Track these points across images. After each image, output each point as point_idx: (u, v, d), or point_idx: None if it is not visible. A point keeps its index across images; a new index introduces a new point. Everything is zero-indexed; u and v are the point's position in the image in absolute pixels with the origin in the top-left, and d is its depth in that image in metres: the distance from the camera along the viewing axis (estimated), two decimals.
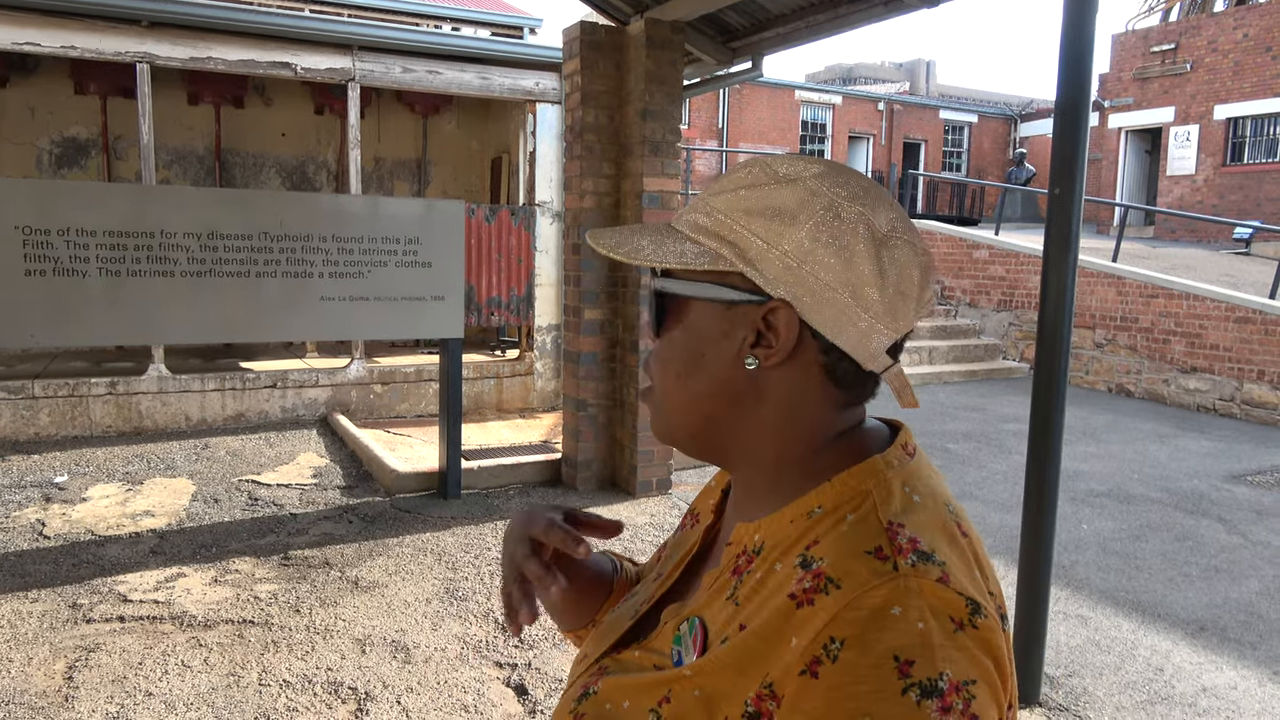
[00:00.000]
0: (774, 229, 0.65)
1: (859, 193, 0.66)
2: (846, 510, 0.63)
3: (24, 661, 3.19)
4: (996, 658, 0.58)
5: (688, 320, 0.70)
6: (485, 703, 3.02)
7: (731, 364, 0.68)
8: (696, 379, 0.70)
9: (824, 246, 0.64)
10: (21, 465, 5.84)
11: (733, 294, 0.67)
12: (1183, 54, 17.48)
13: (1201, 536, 5.02)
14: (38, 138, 8.94)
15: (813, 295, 0.64)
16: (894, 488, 0.64)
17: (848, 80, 29.06)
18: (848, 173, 0.67)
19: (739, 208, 0.67)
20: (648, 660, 0.70)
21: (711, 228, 0.67)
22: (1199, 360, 8.87)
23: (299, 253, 4.79)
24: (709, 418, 0.71)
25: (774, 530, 0.66)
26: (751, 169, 0.68)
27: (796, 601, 0.59)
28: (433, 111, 10.07)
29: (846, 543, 0.60)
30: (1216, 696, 3.25)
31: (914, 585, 0.57)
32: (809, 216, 0.64)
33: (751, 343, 0.67)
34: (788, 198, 0.65)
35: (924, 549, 0.60)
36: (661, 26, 5.12)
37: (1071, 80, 2.99)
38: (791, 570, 0.61)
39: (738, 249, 0.66)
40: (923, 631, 0.55)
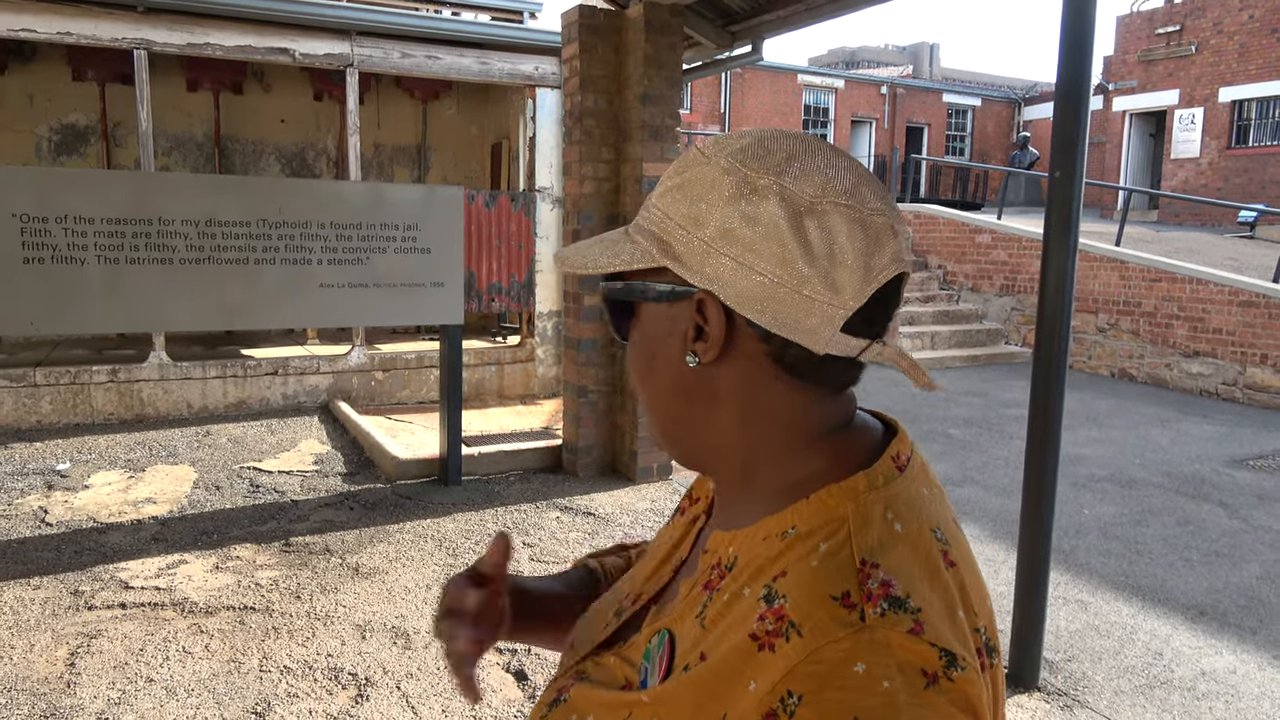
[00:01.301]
0: (691, 215, 0.62)
1: (781, 162, 0.60)
2: (820, 537, 0.58)
3: (26, 648, 3.21)
4: (974, 710, 0.54)
5: (639, 322, 0.69)
6: (484, 688, 3.03)
7: (678, 362, 0.65)
8: (654, 381, 0.68)
9: (739, 225, 0.60)
10: (24, 453, 5.86)
11: (665, 290, 0.64)
12: (1188, 36, 17.36)
13: (1203, 521, 5.02)
14: (37, 125, 8.91)
15: (735, 280, 0.60)
16: (874, 515, 0.59)
17: (851, 64, 28.89)
18: (779, 141, 0.62)
19: (666, 199, 0.64)
20: (621, 671, 0.67)
21: (646, 224, 0.66)
22: (1202, 344, 8.85)
23: (298, 239, 4.78)
24: (675, 421, 0.69)
25: (747, 546, 0.62)
26: (685, 154, 0.66)
27: (758, 643, 0.55)
28: (432, 97, 10.03)
29: (813, 583, 0.56)
30: (1216, 680, 3.25)
31: (881, 639, 0.52)
32: (719, 195, 0.61)
33: (693, 337, 0.63)
34: (703, 179, 0.62)
35: (897, 594, 0.55)
36: (660, 10, 5.08)
37: (1072, 62, 2.97)
38: (755, 603, 0.58)
39: (662, 242, 0.63)
40: (888, 691, 0.51)
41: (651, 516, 4.81)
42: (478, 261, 7.77)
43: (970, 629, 0.58)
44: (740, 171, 0.61)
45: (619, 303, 0.70)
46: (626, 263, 0.65)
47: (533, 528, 4.59)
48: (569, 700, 0.68)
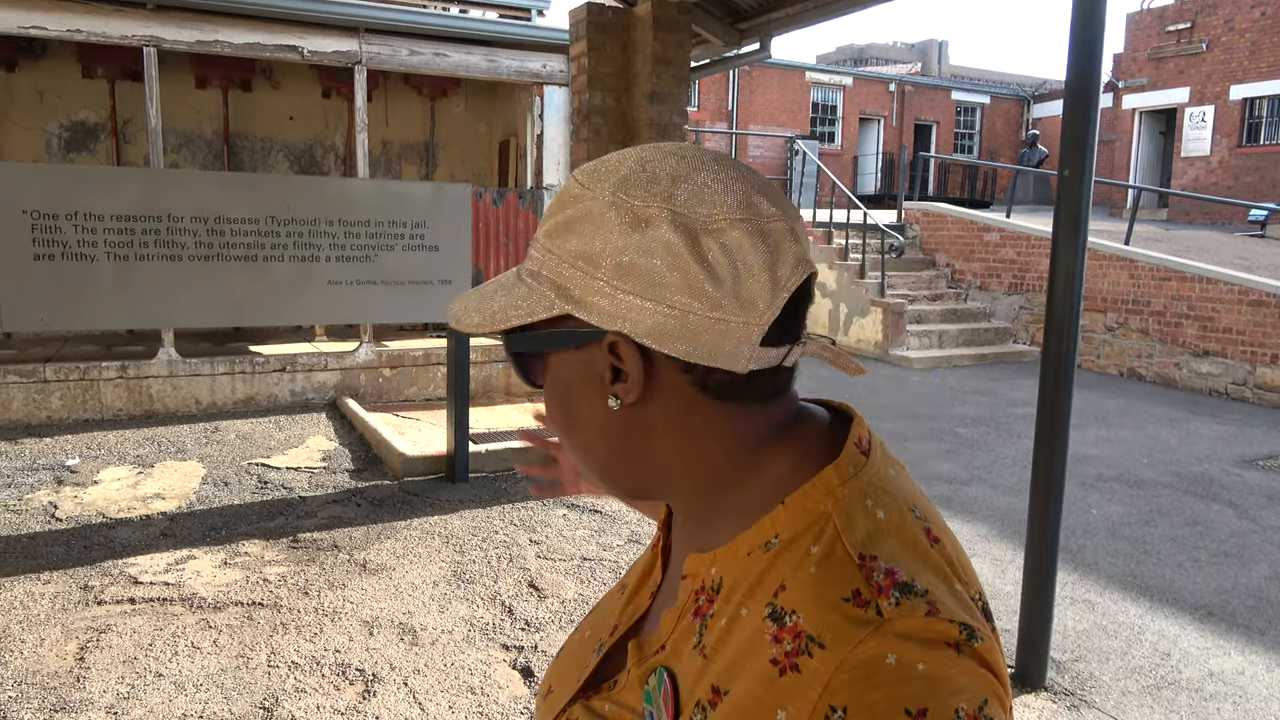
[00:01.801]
0: (583, 252, 0.59)
1: (667, 186, 0.58)
2: (808, 541, 0.57)
3: (36, 642, 3.23)
4: (998, 671, 0.54)
5: (551, 373, 0.65)
6: (491, 685, 3.03)
7: (601, 407, 0.61)
8: (580, 430, 0.64)
9: (637, 258, 0.57)
10: (34, 448, 5.89)
11: (572, 335, 0.61)
12: (1199, 33, 17.27)
13: (1211, 521, 5.00)
14: (47, 122, 8.95)
15: (643, 317, 0.57)
16: (855, 507, 0.58)
17: (859, 61, 28.82)
18: (660, 163, 0.60)
19: (554, 239, 0.61)
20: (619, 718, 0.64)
21: (537, 268, 0.62)
22: (1211, 344, 8.81)
23: (306, 236, 4.80)
24: (611, 463, 0.65)
25: (730, 564, 0.60)
26: (565, 188, 0.62)
27: (779, 667, 0.53)
28: (440, 94, 10.04)
29: (818, 590, 0.54)
30: (1224, 681, 3.24)
31: (901, 628, 0.52)
32: (610, 231, 0.58)
33: (610, 379, 0.60)
34: (589, 215, 0.59)
35: (903, 580, 0.54)
36: (668, 7, 5.07)
37: (1082, 60, 2.95)
38: (761, 623, 0.56)
39: (559, 287, 0.60)
40: (925, 673, 0.51)
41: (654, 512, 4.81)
42: (485, 258, 7.78)
43: (968, 599, 0.57)
44: (626, 203, 0.58)
45: (525, 354, 0.65)
46: (528, 313, 0.61)
47: (540, 525, 4.59)
48: None
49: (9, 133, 8.79)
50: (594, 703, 0.67)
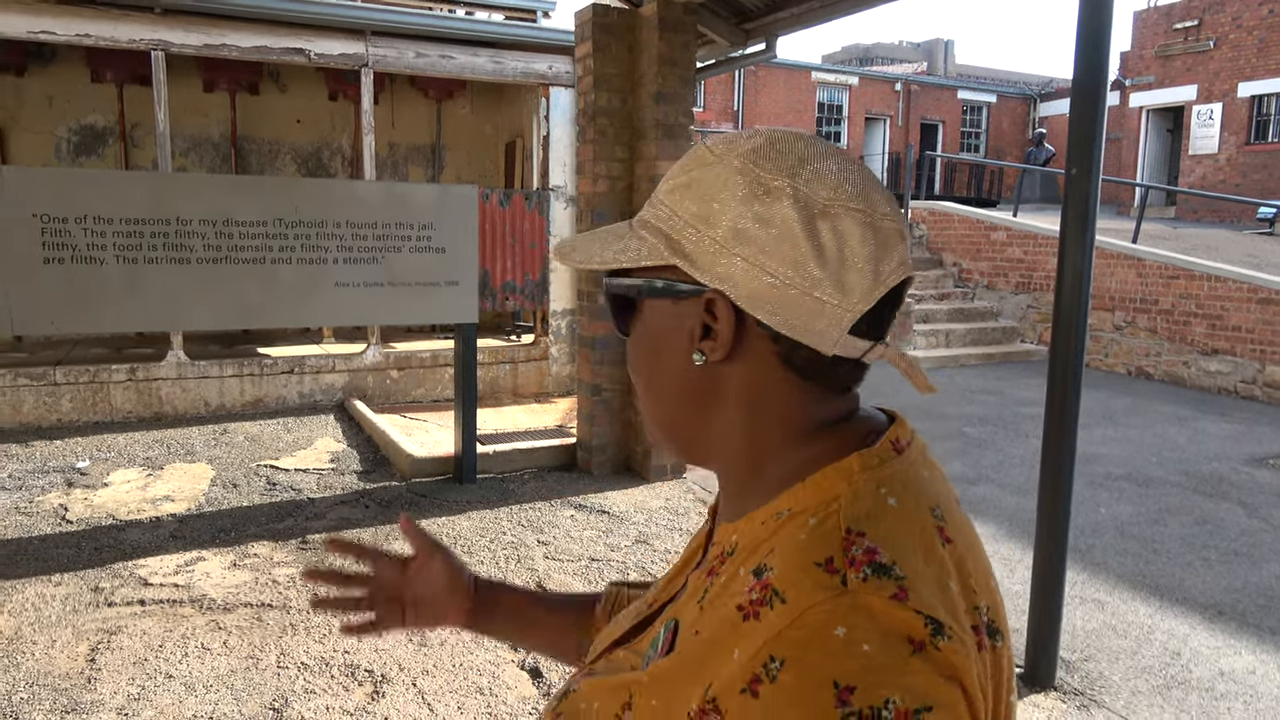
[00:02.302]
0: (702, 213, 0.62)
1: (794, 164, 0.61)
2: (810, 514, 0.59)
3: (47, 644, 3.25)
4: (960, 681, 0.53)
5: (643, 319, 0.68)
6: (500, 685, 3.04)
7: (684, 360, 0.65)
8: (658, 379, 0.68)
9: (753, 226, 0.60)
10: (44, 450, 5.92)
11: (673, 288, 0.64)
12: (1206, 31, 17.20)
13: (1221, 520, 4.98)
14: (56, 126, 9.00)
15: (747, 280, 0.60)
16: (866, 490, 0.60)
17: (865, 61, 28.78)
18: (790, 143, 0.62)
19: (674, 196, 0.64)
20: (628, 661, 0.69)
21: (653, 220, 0.65)
22: (1220, 342, 8.77)
23: (314, 239, 4.81)
24: (674, 417, 0.69)
25: (747, 532, 0.63)
26: (694, 151, 0.66)
27: (743, 613, 0.56)
28: (446, 96, 10.06)
29: (799, 553, 0.57)
30: (1234, 681, 3.23)
31: (862, 603, 0.53)
32: (732, 196, 0.61)
33: (699, 336, 0.63)
34: (714, 178, 0.62)
35: (882, 560, 0.55)
36: (674, 7, 5.08)
37: (1089, 58, 2.95)
38: (746, 577, 0.59)
39: (670, 240, 0.63)
40: (867, 654, 0.51)
41: (665, 515, 4.82)
42: (492, 260, 7.80)
43: (968, 605, 0.57)
44: (753, 172, 0.61)
45: (622, 298, 0.69)
46: (633, 259, 0.64)
47: (547, 526, 4.60)
48: (578, 690, 0.70)
49: (19, 137, 8.84)
50: (616, 653, 0.73)
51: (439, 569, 0.98)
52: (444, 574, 0.97)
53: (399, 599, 0.98)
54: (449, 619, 0.98)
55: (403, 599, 0.98)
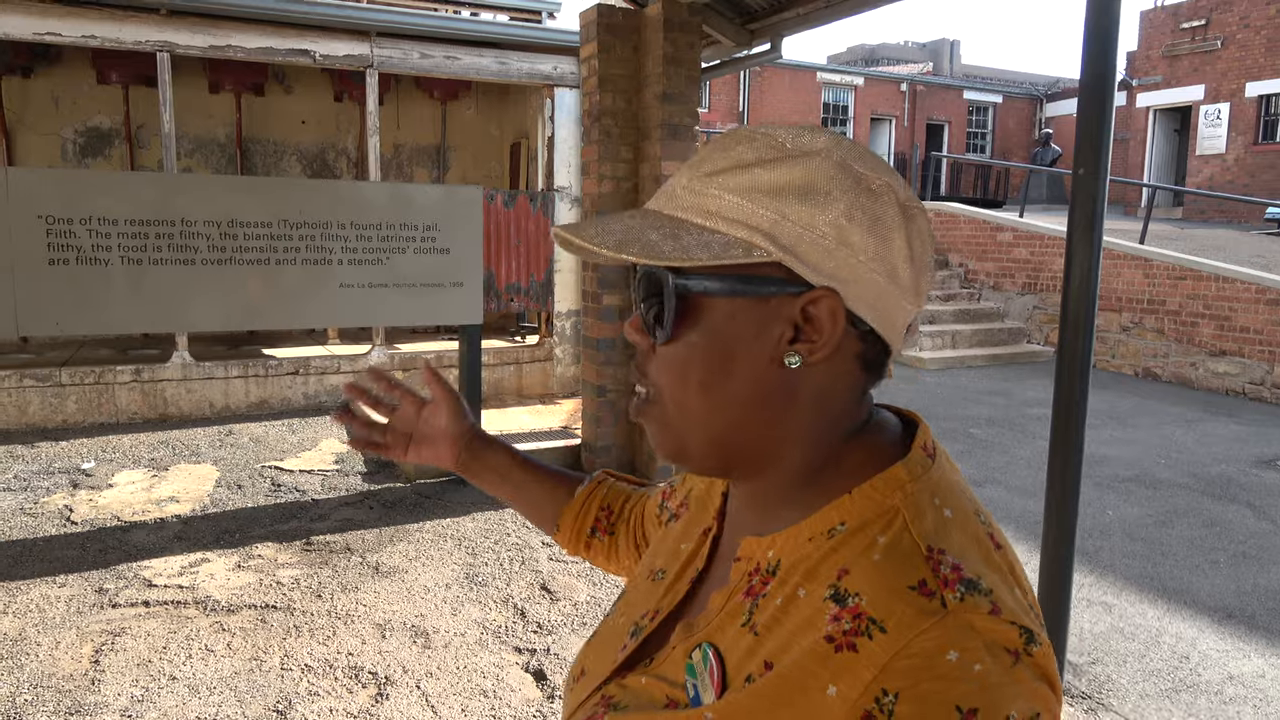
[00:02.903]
0: (805, 210, 0.59)
1: (876, 163, 0.61)
2: (875, 531, 0.58)
3: (52, 645, 3.24)
4: (1053, 681, 0.54)
5: (710, 321, 0.62)
6: (504, 687, 3.03)
7: (766, 365, 0.61)
8: (726, 385, 0.62)
9: (859, 225, 0.59)
10: (50, 452, 5.93)
11: (768, 287, 0.60)
12: (1214, 30, 17.13)
13: (1229, 522, 4.95)
14: (62, 127, 9.02)
15: (855, 279, 0.59)
16: (923, 502, 0.59)
17: (870, 61, 28.74)
18: (851, 140, 0.62)
19: (758, 189, 0.59)
20: (659, 690, 0.65)
21: (733, 214, 0.60)
22: (1228, 343, 8.73)
23: (319, 240, 4.81)
24: (733, 426, 0.63)
25: (791, 548, 0.61)
26: (754, 143, 0.61)
27: (835, 645, 0.54)
28: (451, 97, 10.06)
29: (885, 576, 0.55)
30: (1243, 685, 3.20)
31: (965, 622, 0.52)
32: (842, 193, 0.59)
33: (790, 339, 0.60)
34: (813, 173, 0.59)
35: (969, 577, 0.55)
36: (679, 8, 5.06)
37: (1097, 58, 2.93)
38: (821, 604, 0.56)
39: (771, 236, 0.59)
40: (980, 674, 0.51)
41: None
42: (497, 261, 7.79)
43: (1027, 605, 0.57)
44: (855, 170, 0.60)
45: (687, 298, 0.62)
46: (719, 254, 0.59)
47: None
48: None
49: (25, 139, 8.86)
50: (629, 679, 0.68)
51: (446, 415, 1.05)
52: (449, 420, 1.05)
53: (408, 434, 1.06)
54: (443, 459, 1.05)
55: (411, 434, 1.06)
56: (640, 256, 0.59)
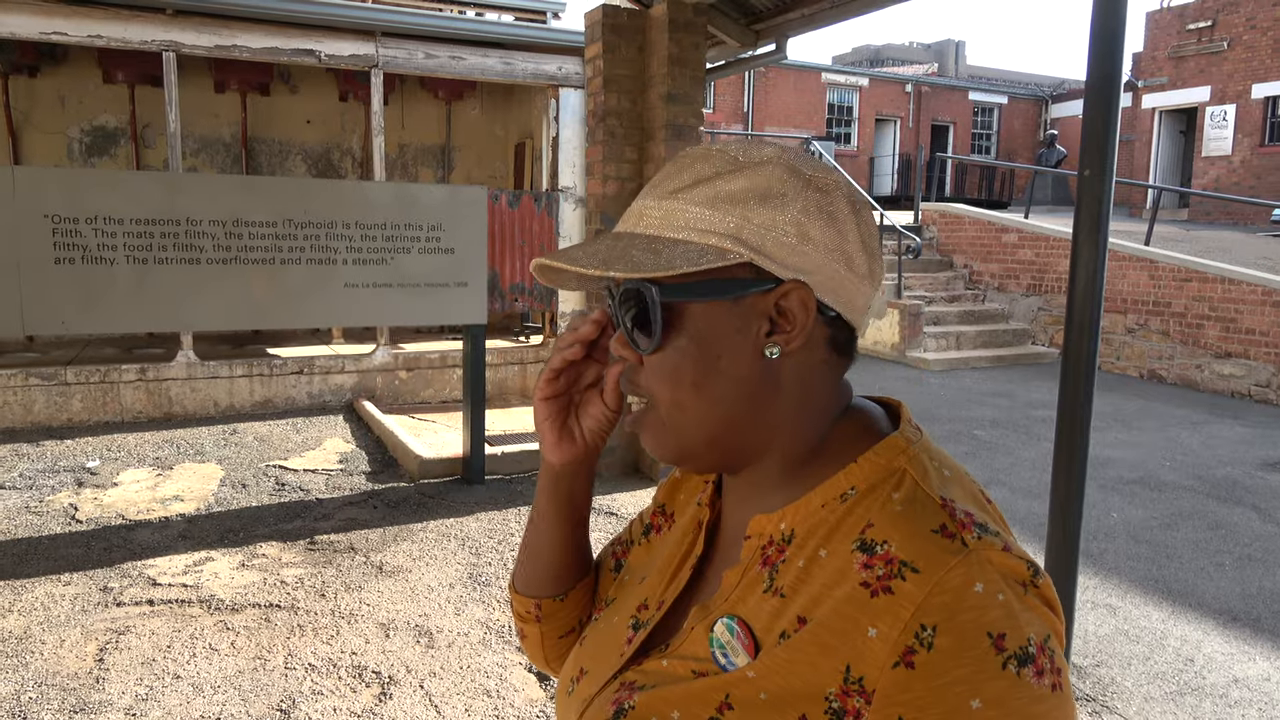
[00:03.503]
0: (767, 212, 0.64)
1: (821, 165, 0.68)
2: (888, 489, 0.63)
3: (56, 643, 3.25)
4: (1056, 608, 0.61)
5: (693, 325, 0.66)
6: (507, 687, 3.03)
7: (750, 359, 0.66)
8: (715, 384, 0.67)
9: (816, 220, 0.65)
10: (55, 450, 5.94)
11: (743, 287, 0.65)
12: (1220, 31, 17.09)
13: (1235, 525, 4.93)
14: (68, 127, 9.04)
15: (817, 270, 0.65)
16: (925, 463, 0.65)
17: (875, 62, 28.71)
18: (794, 149, 0.69)
19: (721, 199, 0.65)
20: (682, 668, 0.67)
21: (702, 225, 0.65)
22: (1234, 345, 8.71)
23: (323, 239, 4.81)
24: (728, 421, 0.68)
25: (803, 516, 0.66)
26: (709, 160, 0.67)
27: (870, 590, 0.59)
28: (456, 97, 10.07)
29: (910, 522, 0.60)
30: (1249, 688, 3.19)
31: (984, 558, 0.58)
32: (796, 194, 0.65)
33: (767, 331, 0.66)
34: (768, 179, 0.65)
35: (979, 521, 0.61)
36: (684, 8, 5.06)
37: (1103, 58, 2.92)
38: (849, 555, 0.61)
39: (740, 240, 0.64)
40: (1004, 603, 0.57)
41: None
42: (501, 261, 7.79)
43: None
44: (804, 174, 0.66)
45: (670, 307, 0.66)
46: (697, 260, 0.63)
47: None
48: (636, 708, 0.66)
49: (31, 137, 8.88)
50: (646, 665, 0.70)
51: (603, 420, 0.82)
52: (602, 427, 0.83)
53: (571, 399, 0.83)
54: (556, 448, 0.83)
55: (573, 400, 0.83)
56: (626, 272, 0.63)
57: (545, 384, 0.80)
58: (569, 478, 0.85)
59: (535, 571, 0.88)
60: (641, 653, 0.72)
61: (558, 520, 0.86)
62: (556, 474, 0.85)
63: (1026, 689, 0.55)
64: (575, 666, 0.77)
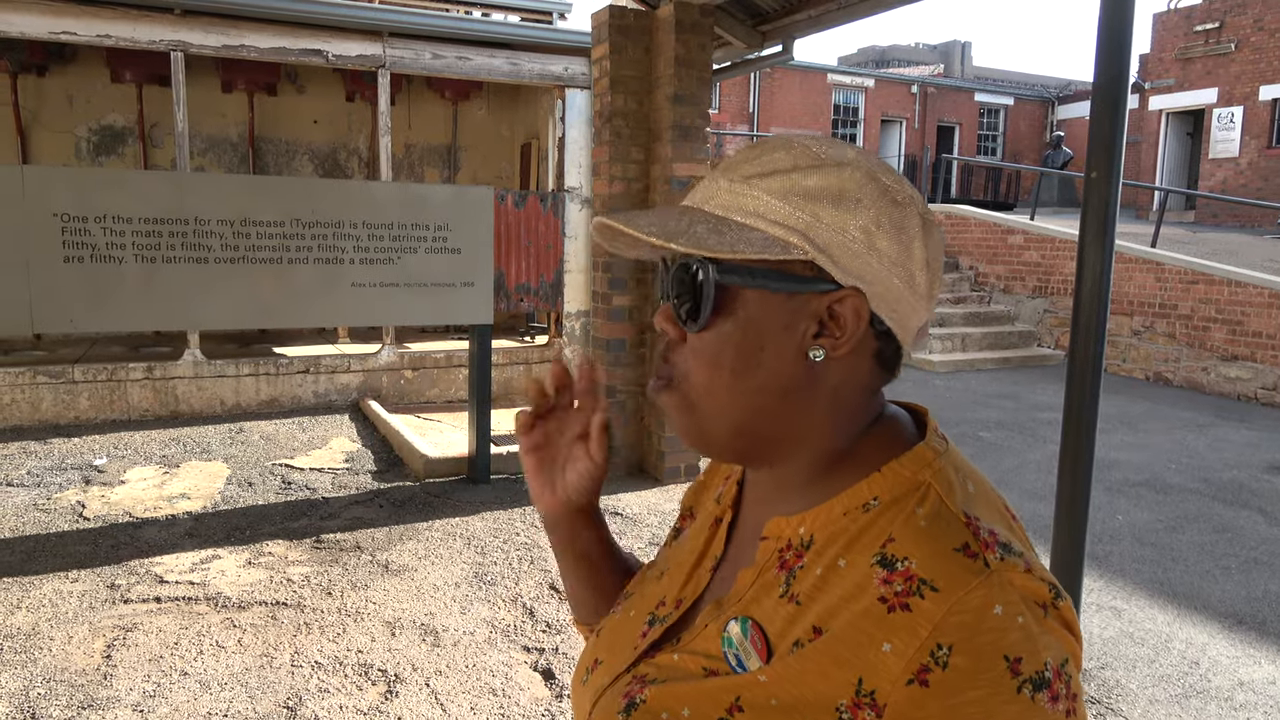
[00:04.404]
0: (838, 215, 0.64)
1: (899, 178, 0.66)
2: (912, 503, 0.62)
3: (64, 640, 3.27)
4: (1075, 630, 0.60)
5: (743, 313, 0.66)
6: (513, 686, 3.04)
7: (792, 357, 0.65)
8: (753, 374, 0.66)
9: (886, 232, 0.64)
10: (62, 448, 5.97)
11: (800, 284, 0.64)
12: (1227, 33, 17.04)
13: (1240, 528, 4.93)
14: (76, 126, 9.08)
15: (878, 281, 0.64)
16: (950, 477, 0.64)
17: (881, 63, 28.67)
18: (876, 156, 0.68)
19: (795, 192, 0.64)
20: (693, 664, 0.67)
21: (772, 215, 0.64)
22: (1240, 348, 8.68)
23: (330, 239, 4.83)
24: (758, 413, 0.67)
25: (823, 523, 0.65)
26: (790, 151, 0.66)
27: (888, 606, 0.58)
28: (463, 97, 10.08)
29: (932, 540, 0.60)
30: (1254, 691, 3.19)
31: (1007, 579, 0.58)
32: (872, 201, 0.64)
33: (814, 333, 0.65)
34: (846, 181, 0.64)
35: (1003, 540, 0.60)
36: (691, 9, 5.07)
37: (1110, 60, 2.92)
38: (869, 569, 0.60)
39: (807, 236, 0.63)
40: (1023, 626, 0.56)
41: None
42: (507, 261, 7.81)
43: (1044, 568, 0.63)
44: (883, 182, 0.65)
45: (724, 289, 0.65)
46: (761, 250, 0.63)
47: None
48: (647, 702, 0.66)
49: (39, 136, 8.92)
50: (659, 658, 0.71)
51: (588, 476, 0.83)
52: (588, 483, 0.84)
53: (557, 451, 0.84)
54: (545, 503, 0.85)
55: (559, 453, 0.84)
56: (688, 247, 0.64)
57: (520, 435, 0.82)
58: (566, 523, 0.87)
59: (573, 601, 0.94)
60: (656, 647, 0.72)
61: (568, 558, 0.89)
62: (552, 521, 0.87)
63: (1040, 714, 0.55)
64: (591, 657, 0.78)
